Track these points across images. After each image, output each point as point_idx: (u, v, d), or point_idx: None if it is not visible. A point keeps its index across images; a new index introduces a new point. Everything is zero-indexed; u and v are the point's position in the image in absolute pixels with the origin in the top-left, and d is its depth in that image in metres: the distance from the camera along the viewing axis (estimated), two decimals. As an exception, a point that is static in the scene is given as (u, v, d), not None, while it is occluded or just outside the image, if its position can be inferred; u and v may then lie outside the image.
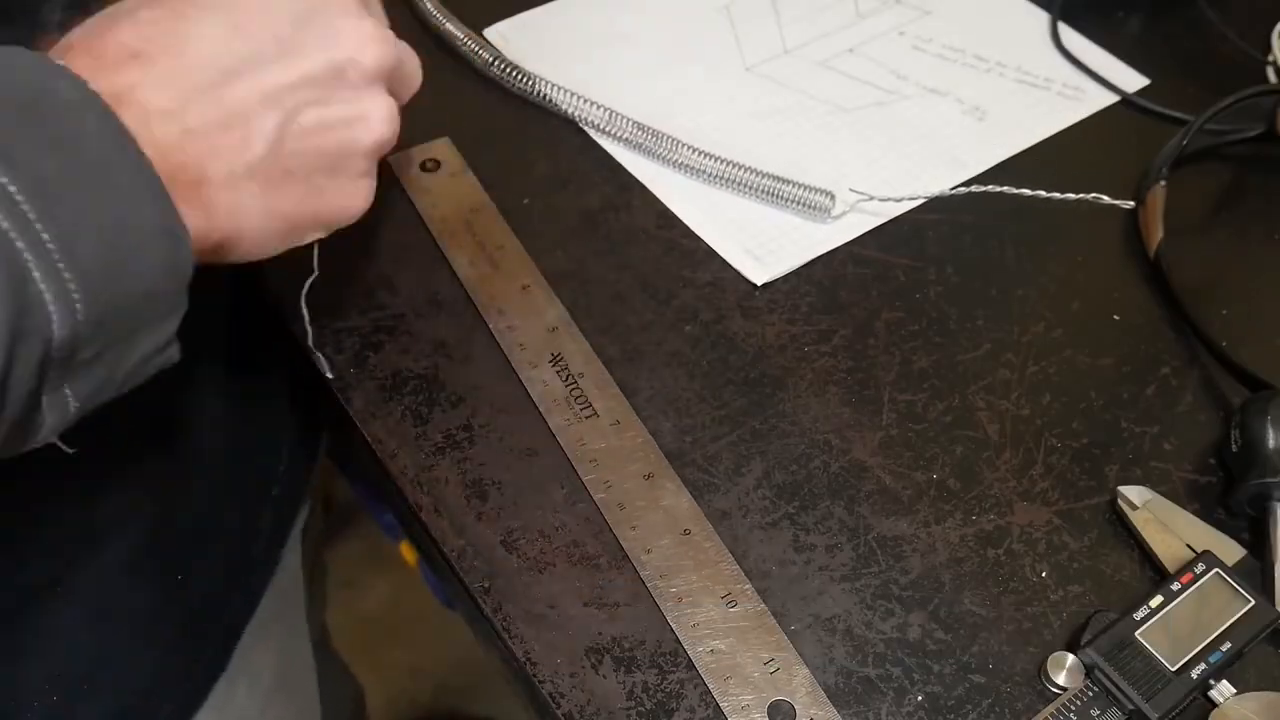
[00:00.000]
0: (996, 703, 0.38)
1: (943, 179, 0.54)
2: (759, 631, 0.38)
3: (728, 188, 0.53)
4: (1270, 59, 0.61)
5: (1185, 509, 0.42)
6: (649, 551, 0.40)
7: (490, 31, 0.60)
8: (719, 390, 0.46)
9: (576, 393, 0.45)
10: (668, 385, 0.46)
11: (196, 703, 0.49)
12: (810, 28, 0.63)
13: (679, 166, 0.53)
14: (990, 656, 0.39)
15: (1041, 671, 0.38)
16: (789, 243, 0.51)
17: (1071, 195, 0.52)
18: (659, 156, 0.53)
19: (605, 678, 0.38)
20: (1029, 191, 0.52)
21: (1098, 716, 0.36)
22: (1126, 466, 0.44)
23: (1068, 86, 0.60)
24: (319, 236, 0.37)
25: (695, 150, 0.53)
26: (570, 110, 0.55)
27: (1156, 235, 0.50)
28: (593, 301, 0.48)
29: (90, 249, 0.27)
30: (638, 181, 0.54)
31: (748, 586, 0.40)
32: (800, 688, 0.37)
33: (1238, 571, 0.39)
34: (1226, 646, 0.37)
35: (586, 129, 0.55)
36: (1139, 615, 0.38)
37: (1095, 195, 0.52)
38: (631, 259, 0.50)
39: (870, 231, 0.52)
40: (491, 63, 0.56)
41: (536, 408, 0.44)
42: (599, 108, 0.54)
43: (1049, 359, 0.48)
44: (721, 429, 0.45)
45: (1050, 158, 0.56)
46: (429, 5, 0.58)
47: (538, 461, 0.43)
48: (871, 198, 0.52)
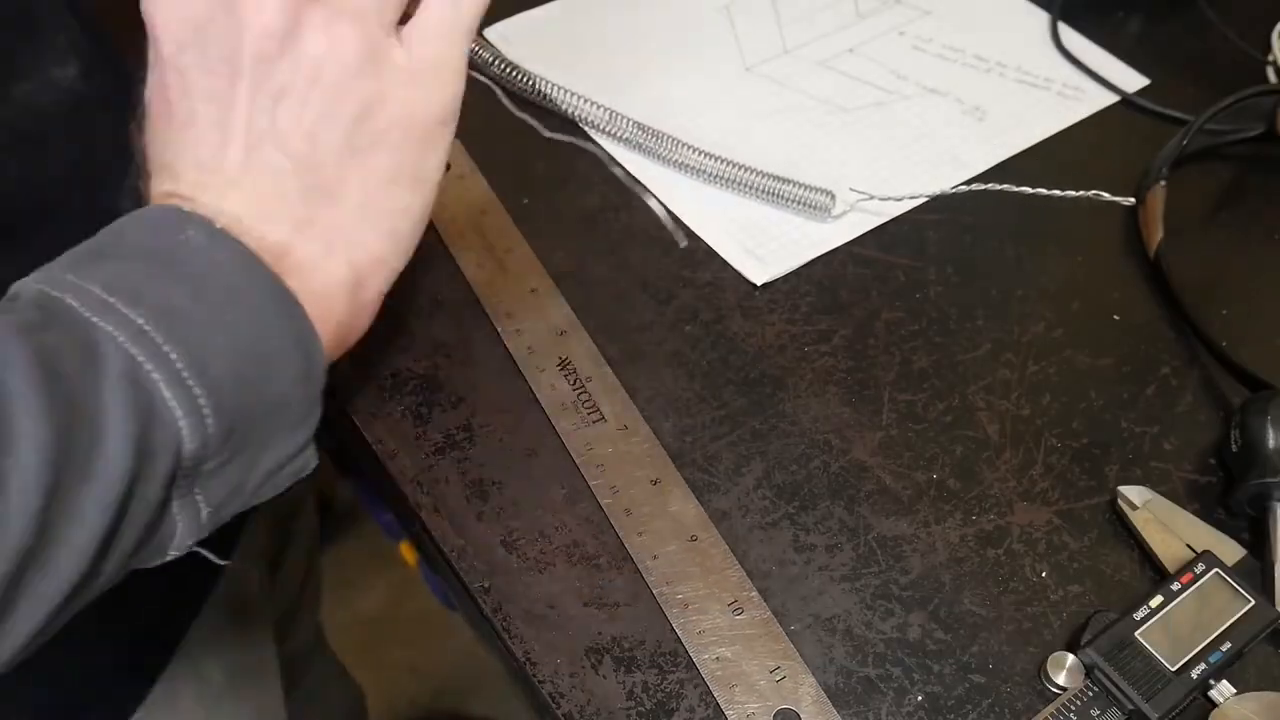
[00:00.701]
0: (996, 703, 0.38)
1: (943, 178, 0.54)
2: (765, 639, 0.38)
3: (728, 188, 0.53)
4: (1270, 59, 0.61)
5: (1185, 509, 0.42)
6: (655, 557, 0.40)
7: (490, 31, 0.60)
8: (719, 390, 0.46)
9: (584, 397, 0.44)
10: (668, 385, 0.46)
11: (131, 708, 0.49)
12: (810, 28, 0.63)
13: (679, 166, 0.53)
14: (990, 656, 0.39)
15: (1041, 671, 0.38)
16: (789, 242, 0.51)
17: (1072, 193, 0.52)
18: (659, 156, 0.53)
19: (605, 678, 0.38)
20: (1029, 190, 0.52)
21: (1098, 716, 0.36)
22: (1126, 466, 0.44)
23: (1068, 86, 0.60)
24: (437, 173, 0.37)
25: (695, 150, 0.53)
26: (570, 110, 0.55)
27: (1156, 235, 0.50)
28: (593, 301, 0.48)
29: (222, 365, 0.29)
30: (638, 181, 0.54)
31: (754, 594, 0.39)
32: (806, 696, 0.37)
33: (1238, 571, 0.39)
34: (1226, 646, 0.37)
35: (586, 129, 0.55)
36: (1139, 615, 0.38)
37: (1095, 193, 0.52)
38: (631, 259, 0.50)
39: (870, 231, 0.52)
40: (491, 62, 0.56)
41: (537, 407, 0.44)
42: (599, 108, 0.54)
43: (1049, 359, 0.48)
44: (721, 429, 0.45)
45: (1050, 158, 0.56)
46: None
47: (538, 462, 0.43)
48: (871, 197, 0.52)
